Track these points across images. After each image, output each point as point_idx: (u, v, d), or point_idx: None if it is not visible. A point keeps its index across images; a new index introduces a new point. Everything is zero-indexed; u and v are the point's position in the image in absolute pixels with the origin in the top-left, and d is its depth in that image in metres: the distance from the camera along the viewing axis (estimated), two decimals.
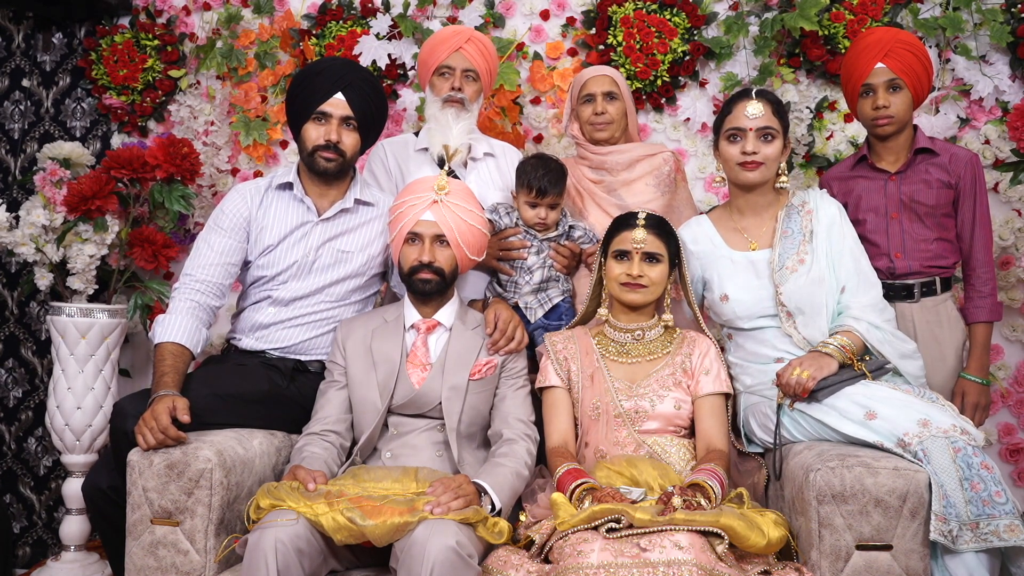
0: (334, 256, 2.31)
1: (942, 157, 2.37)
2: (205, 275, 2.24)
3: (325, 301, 2.32)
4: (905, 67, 2.33)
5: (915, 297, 2.36)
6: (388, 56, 3.10)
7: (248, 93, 3.20)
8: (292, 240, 2.30)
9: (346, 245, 2.33)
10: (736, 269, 2.21)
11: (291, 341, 2.30)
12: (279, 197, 2.33)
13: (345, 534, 1.67)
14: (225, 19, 3.18)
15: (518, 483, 1.92)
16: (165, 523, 1.81)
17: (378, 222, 2.36)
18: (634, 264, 2.05)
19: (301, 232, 2.30)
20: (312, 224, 2.30)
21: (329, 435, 2.04)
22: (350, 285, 2.34)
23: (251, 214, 2.31)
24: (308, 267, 2.30)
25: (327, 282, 2.31)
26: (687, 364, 2.09)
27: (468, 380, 2.06)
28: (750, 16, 3.01)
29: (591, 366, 2.10)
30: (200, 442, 1.85)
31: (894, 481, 1.71)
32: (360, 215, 2.35)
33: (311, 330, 2.31)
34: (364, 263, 2.34)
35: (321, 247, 2.30)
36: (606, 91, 2.53)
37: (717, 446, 2.00)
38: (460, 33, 2.54)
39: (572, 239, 2.44)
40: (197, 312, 2.20)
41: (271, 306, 2.31)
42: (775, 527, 1.74)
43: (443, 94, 2.50)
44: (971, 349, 2.40)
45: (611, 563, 1.58)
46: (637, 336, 2.12)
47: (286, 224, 2.30)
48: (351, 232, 2.34)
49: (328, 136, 2.23)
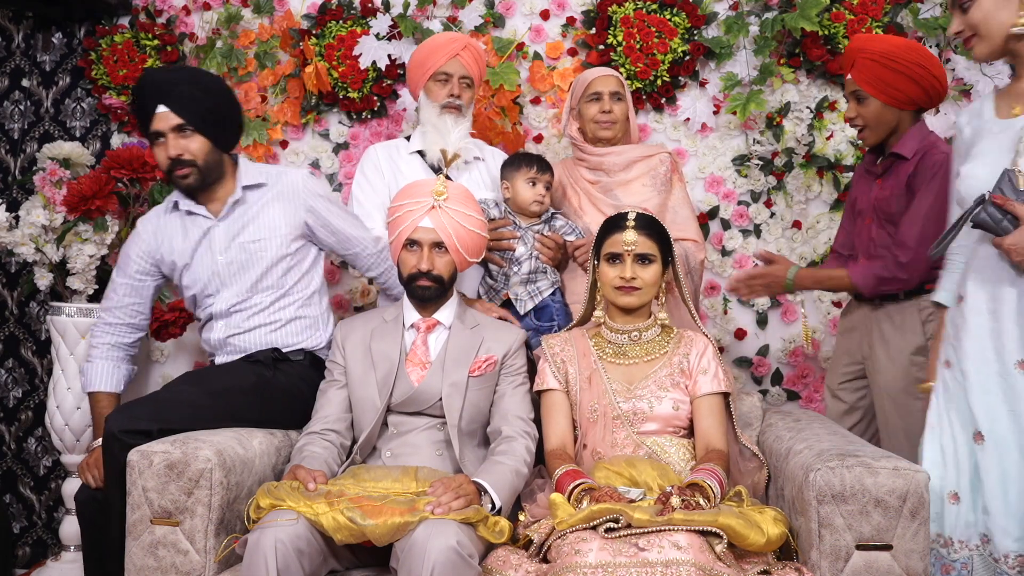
0: (244, 252, 2.29)
1: (912, 160, 2.30)
2: (112, 317, 2.35)
3: (265, 297, 2.30)
4: (868, 78, 2.29)
5: (876, 302, 2.37)
6: (388, 56, 3.10)
7: (248, 93, 3.20)
8: (200, 253, 2.29)
9: (252, 235, 2.29)
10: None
11: (256, 345, 2.30)
12: (173, 219, 2.32)
13: (345, 534, 1.67)
14: (225, 19, 3.18)
15: (517, 481, 1.92)
16: (165, 523, 1.81)
17: (276, 199, 2.32)
18: (626, 267, 2.04)
19: (206, 242, 2.29)
20: (211, 229, 2.29)
21: (329, 434, 2.04)
22: (279, 271, 2.32)
23: (152, 247, 2.32)
24: (225, 273, 2.29)
25: (253, 279, 2.29)
26: (685, 364, 2.09)
27: (468, 377, 2.06)
28: (750, 16, 3.01)
29: (588, 368, 2.09)
30: (200, 442, 1.85)
31: (894, 481, 1.71)
32: (255, 200, 2.32)
33: (269, 329, 2.31)
34: (280, 245, 2.31)
35: (228, 248, 2.28)
36: (613, 91, 2.54)
37: (716, 446, 2.00)
38: (457, 40, 2.55)
39: (554, 228, 2.46)
40: (113, 353, 2.34)
41: (217, 321, 2.32)
42: (774, 524, 1.74)
43: (441, 100, 2.50)
44: (817, 272, 2.46)
45: (609, 562, 1.58)
46: (634, 337, 2.11)
47: (190, 240, 2.30)
48: (252, 221, 2.30)
49: (168, 153, 2.20)
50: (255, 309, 2.30)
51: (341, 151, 3.22)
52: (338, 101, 3.18)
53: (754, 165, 3.05)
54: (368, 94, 3.16)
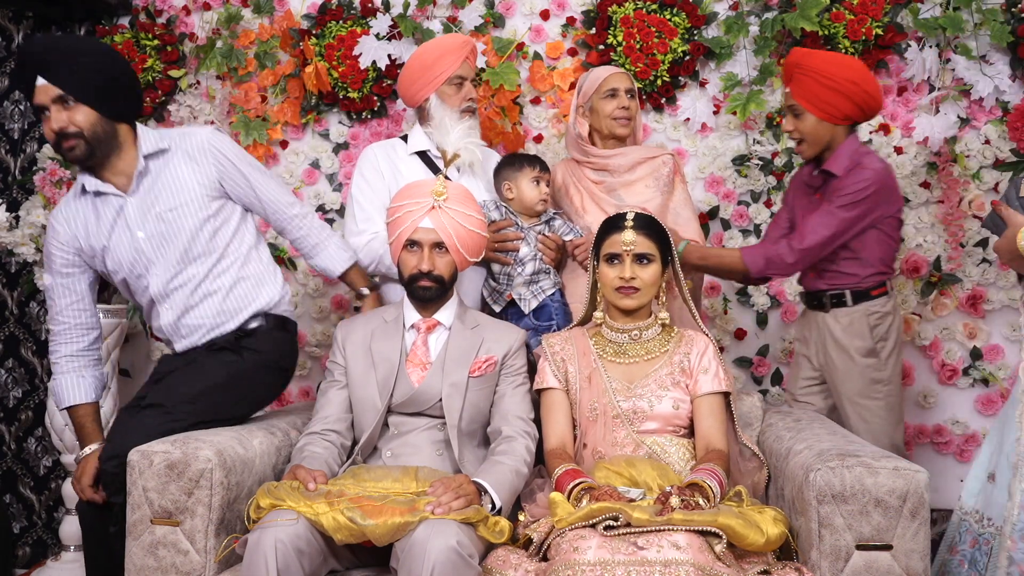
0: (163, 222, 2.18)
1: (841, 179, 2.35)
2: (58, 325, 2.26)
3: (199, 267, 2.21)
4: (804, 93, 2.35)
5: (826, 308, 2.44)
6: (388, 56, 3.10)
7: (248, 93, 3.20)
8: (118, 233, 2.18)
9: (167, 204, 2.18)
10: None
11: (209, 318, 2.21)
12: (83, 203, 2.21)
13: (345, 534, 1.67)
14: (225, 19, 3.18)
15: (517, 481, 1.92)
16: (165, 523, 1.81)
17: (183, 161, 2.21)
18: (625, 267, 2.04)
19: (121, 220, 2.18)
20: (123, 206, 2.18)
21: (329, 434, 2.04)
22: (205, 235, 2.21)
23: (68, 236, 2.21)
24: (148, 249, 2.18)
25: (180, 250, 2.19)
26: (685, 363, 2.08)
27: (468, 377, 2.06)
28: (750, 16, 3.01)
29: (588, 367, 2.09)
30: (200, 442, 1.85)
31: (894, 481, 1.71)
32: (160, 167, 2.20)
33: (218, 299, 2.22)
34: (198, 208, 2.20)
35: (145, 222, 2.17)
36: (628, 87, 2.54)
37: (717, 446, 2.00)
38: (467, 42, 2.53)
39: (553, 229, 2.47)
40: (72, 364, 2.26)
41: (160, 305, 2.22)
42: (774, 524, 1.74)
43: (460, 104, 2.47)
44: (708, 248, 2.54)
45: (608, 560, 1.58)
46: (634, 336, 2.11)
47: (104, 221, 2.18)
48: (164, 189, 2.19)
49: (52, 126, 2.08)
50: (194, 282, 2.20)
51: (341, 151, 3.22)
52: (338, 101, 3.18)
53: (754, 165, 3.05)
54: (368, 94, 3.16)
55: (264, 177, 2.32)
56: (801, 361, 2.58)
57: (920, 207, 2.96)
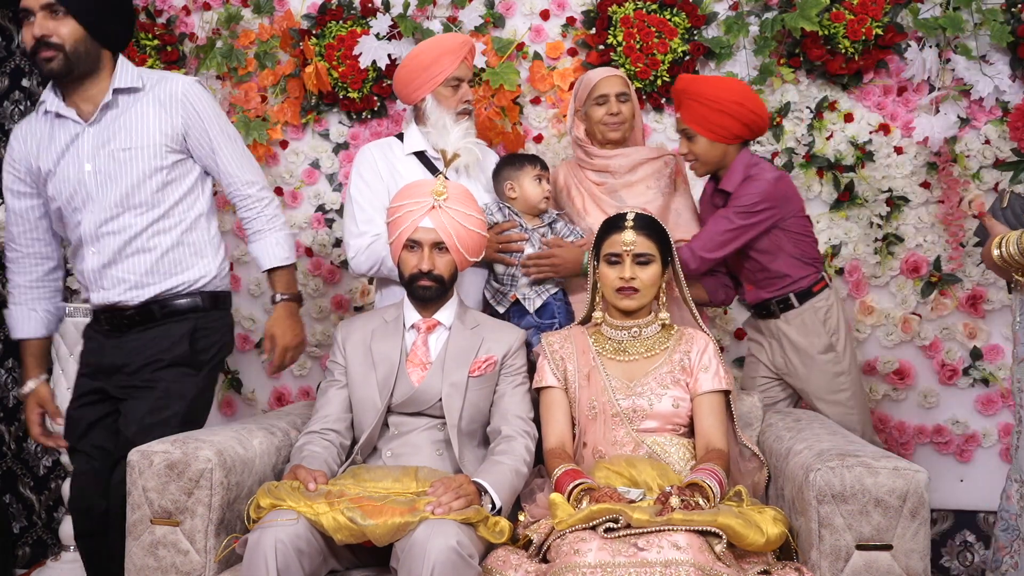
0: (113, 161, 2.08)
1: (735, 193, 2.43)
2: (12, 252, 2.19)
3: (137, 218, 2.11)
4: (693, 117, 2.45)
5: (776, 314, 2.50)
6: (388, 56, 3.10)
7: (248, 93, 3.20)
8: (67, 160, 2.08)
9: (123, 143, 2.09)
10: None
11: (136, 276, 2.13)
12: (42, 123, 2.11)
13: (345, 534, 1.67)
14: (225, 19, 3.18)
15: (517, 481, 1.92)
16: (165, 523, 1.81)
17: (152, 105, 2.13)
18: (625, 267, 2.04)
19: (73, 148, 2.09)
20: (79, 134, 2.09)
21: (329, 434, 2.04)
22: (152, 186, 2.11)
23: (21, 154, 2.11)
24: (92, 184, 2.09)
25: (122, 193, 2.09)
26: (686, 361, 2.08)
27: (468, 377, 2.06)
28: (750, 16, 3.02)
29: (587, 365, 2.09)
30: (200, 442, 1.85)
31: (894, 481, 1.71)
32: (128, 104, 2.12)
33: (150, 260, 2.14)
34: (153, 156, 2.11)
35: (95, 156, 2.08)
36: (618, 92, 2.53)
37: (717, 445, 2.00)
38: (465, 43, 2.50)
39: (555, 231, 2.47)
40: (27, 295, 2.22)
41: (87, 248, 2.12)
42: (774, 524, 1.74)
43: (456, 106, 2.45)
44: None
45: (608, 562, 1.58)
46: (634, 334, 2.11)
47: (56, 145, 2.09)
48: (124, 128, 2.10)
49: (34, 31, 2.00)
50: (129, 232, 2.12)
51: (341, 151, 3.22)
52: (338, 101, 3.18)
53: None
54: (368, 94, 3.16)
55: (231, 145, 2.24)
56: (755, 364, 2.61)
57: (920, 207, 2.96)
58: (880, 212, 2.97)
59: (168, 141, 2.14)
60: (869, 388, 2.97)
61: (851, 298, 3.00)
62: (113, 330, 2.19)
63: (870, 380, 2.99)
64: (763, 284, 2.50)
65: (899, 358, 2.97)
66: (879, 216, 2.97)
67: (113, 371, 2.18)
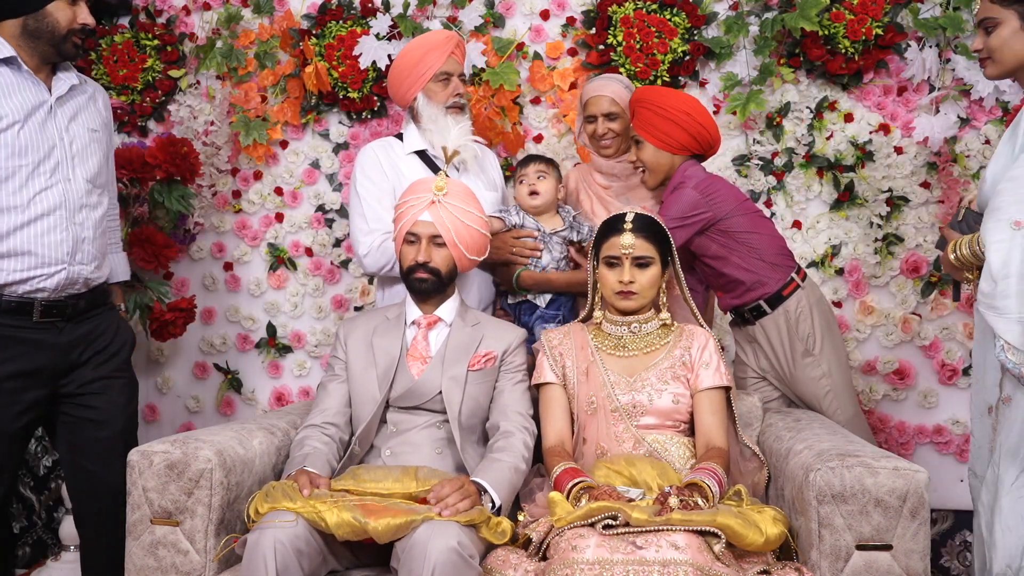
0: (86, 137, 2.13)
1: (662, 207, 2.44)
2: None
3: (102, 198, 2.18)
4: (641, 123, 2.47)
5: (751, 322, 2.50)
6: (388, 56, 3.10)
7: (248, 93, 3.20)
8: (35, 122, 2.03)
9: (91, 124, 2.16)
10: None
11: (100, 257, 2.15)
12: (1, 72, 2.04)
13: (347, 530, 1.67)
14: (225, 19, 3.18)
15: (516, 478, 1.93)
16: (165, 523, 1.81)
17: (95, 100, 2.23)
18: (624, 270, 2.04)
19: (42, 112, 2.05)
20: (47, 103, 2.06)
21: (329, 428, 2.06)
22: (109, 170, 2.25)
23: None
24: (67, 153, 2.08)
25: (92, 171, 2.14)
26: (686, 357, 2.08)
27: (467, 371, 2.07)
28: (750, 16, 3.01)
29: (586, 360, 2.10)
30: (200, 442, 1.86)
31: (894, 481, 1.71)
32: (87, 92, 2.20)
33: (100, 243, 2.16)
34: (107, 142, 2.22)
35: (68, 128, 2.09)
36: (605, 112, 2.57)
37: (717, 443, 2.00)
38: (451, 37, 2.51)
39: (581, 234, 2.49)
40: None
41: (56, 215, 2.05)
42: (773, 524, 1.74)
43: (446, 100, 2.45)
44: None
45: (606, 559, 1.58)
46: (634, 330, 2.11)
47: (22, 103, 2.02)
48: (86, 112, 2.16)
49: (85, 21, 2.08)
50: (99, 211, 2.19)
51: (341, 151, 3.22)
52: (338, 101, 3.18)
53: (754, 165, 3.04)
54: (368, 94, 3.16)
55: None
56: (741, 364, 2.60)
57: (920, 207, 2.96)
58: (880, 212, 2.97)
59: (106, 133, 2.26)
60: (869, 388, 2.98)
61: (851, 298, 3.00)
62: (67, 320, 2.10)
63: (870, 380, 2.99)
64: (727, 289, 2.48)
65: (899, 358, 2.97)
66: (879, 216, 2.97)
67: (72, 367, 2.13)
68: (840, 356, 2.51)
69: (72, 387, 2.14)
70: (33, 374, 2.05)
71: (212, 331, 3.27)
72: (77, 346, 2.13)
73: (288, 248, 3.23)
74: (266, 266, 3.25)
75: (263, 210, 3.25)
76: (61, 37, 2.06)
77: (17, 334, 2.02)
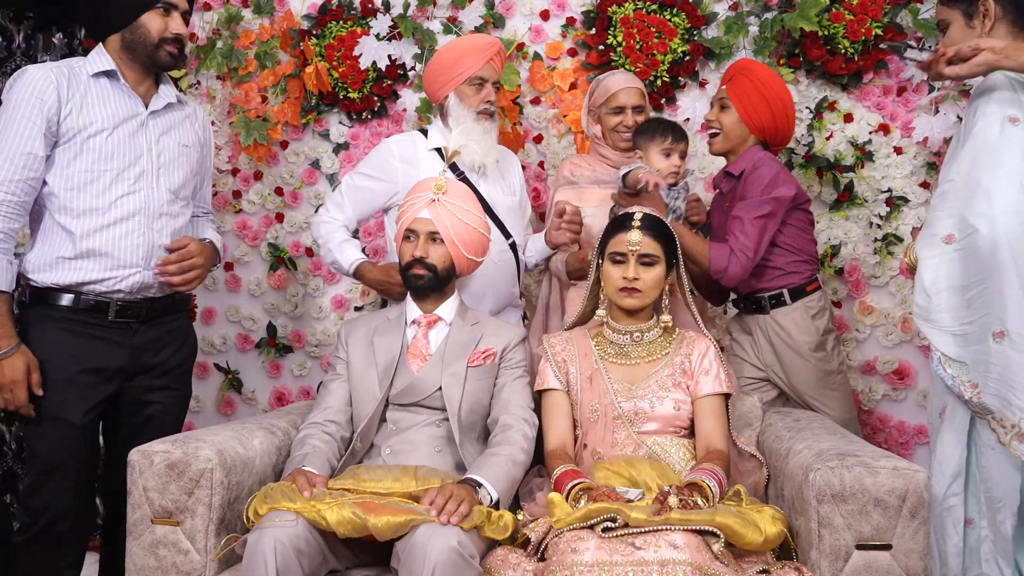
0: (175, 151, 2.22)
1: (745, 182, 2.45)
2: (14, 198, 2.01)
3: (184, 210, 2.25)
4: (736, 89, 2.49)
5: (765, 310, 2.50)
6: (388, 56, 3.11)
7: (248, 93, 3.20)
8: (126, 130, 2.12)
9: (183, 140, 2.25)
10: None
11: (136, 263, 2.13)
12: (96, 84, 2.12)
13: (348, 527, 1.67)
14: (225, 19, 3.18)
15: (515, 470, 1.93)
16: (165, 523, 1.82)
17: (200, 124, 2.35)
18: (630, 267, 2.05)
19: (135, 122, 2.14)
20: (140, 115, 2.16)
21: (330, 426, 2.07)
22: (192, 186, 2.30)
23: (61, 95, 2.04)
24: (155, 163, 2.17)
25: (177, 183, 2.21)
26: (687, 365, 2.09)
27: (467, 368, 2.08)
28: (750, 16, 3.02)
29: (590, 368, 2.10)
30: (200, 442, 1.86)
31: (894, 481, 1.72)
32: (185, 111, 2.30)
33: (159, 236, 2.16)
34: (198, 160, 2.31)
35: (159, 140, 2.19)
36: (635, 104, 2.58)
37: (717, 446, 2.00)
38: (493, 43, 2.51)
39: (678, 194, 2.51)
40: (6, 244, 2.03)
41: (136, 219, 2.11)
42: (772, 523, 1.74)
43: (477, 106, 2.47)
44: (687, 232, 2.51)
45: (606, 561, 1.58)
46: (636, 338, 2.12)
47: (115, 112, 2.11)
48: (180, 127, 2.26)
49: (178, 31, 2.15)
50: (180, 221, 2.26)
51: (341, 151, 3.23)
52: (338, 101, 3.18)
53: None
54: (368, 94, 3.16)
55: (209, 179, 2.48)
56: (737, 363, 2.60)
57: (920, 207, 2.96)
58: (880, 212, 2.97)
59: (199, 152, 2.33)
60: (868, 388, 2.98)
61: (851, 298, 3.00)
62: (141, 322, 2.17)
63: (870, 380, 2.99)
64: (756, 273, 2.47)
65: (899, 358, 2.97)
66: (879, 216, 2.97)
67: (141, 370, 2.19)
68: (845, 367, 2.57)
69: (136, 392, 2.20)
70: (104, 371, 2.12)
71: (212, 331, 3.27)
72: (148, 349, 2.19)
73: (288, 248, 3.23)
74: (266, 266, 3.26)
75: (263, 210, 3.26)
76: (153, 47, 2.13)
77: (93, 332, 2.11)
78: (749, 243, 2.37)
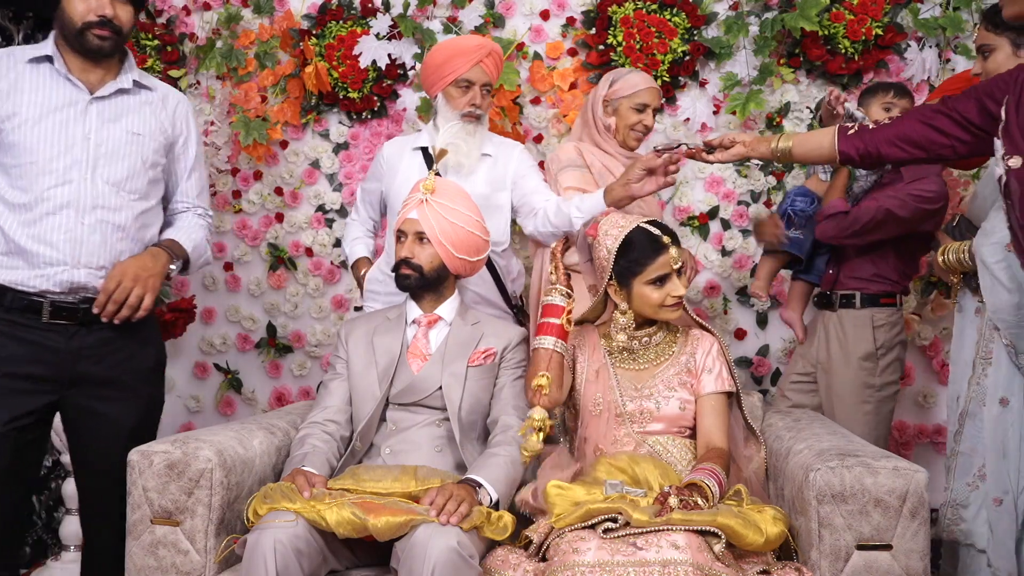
0: (120, 139, 2.03)
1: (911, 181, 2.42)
2: None
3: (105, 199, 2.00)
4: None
5: (834, 307, 2.53)
6: (388, 56, 3.11)
7: (248, 93, 3.20)
8: (58, 119, 1.97)
9: (133, 128, 2.05)
10: None
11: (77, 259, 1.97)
12: (33, 70, 1.99)
13: (348, 527, 1.67)
14: (225, 19, 3.18)
15: (515, 471, 1.93)
16: (165, 523, 1.81)
17: (167, 112, 2.14)
18: (676, 283, 1.99)
19: (72, 111, 1.99)
20: (80, 102, 2.00)
21: (330, 425, 2.06)
22: (146, 177, 2.08)
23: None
24: (92, 154, 1.99)
25: (118, 175, 2.02)
26: (691, 363, 2.08)
27: (467, 367, 2.08)
28: (750, 16, 3.02)
29: (598, 362, 2.09)
30: (200, 442, 1.85)
31: (894, 481, 1.71)
32: (141, 96, 2.10)
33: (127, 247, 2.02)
34: (151, 150, 2.08)
35: (100, 129, 2.01)
36: (657, 106, 2.60)
37: (717, 444, 2.00)
38: (482, 47, 2.48)
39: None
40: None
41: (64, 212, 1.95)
42: (773, 523, 1.74)
43: (462, 108, 2.44)
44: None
45: (607, 562, 1.58)
46: (644, 343, 2.10)
47: (46, 100, 1.97)
48: (130, 114, 2.06)
49: (105, 13, 1.97)
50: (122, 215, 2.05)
51: (341, 151, 3.23)
52: (338, 101, 3.18)
53: (754, 165, 3.05)
54: (368, 94, 3.16)
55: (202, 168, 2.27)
56: (798, 359, 2.65)
57: None
58: None
59: (164, 141, 2.14)
60: None
61: None
62: (80, 324, 2.00)
63: None
64: (840, 273, 2.51)
65: None
66: None
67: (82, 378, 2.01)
68: (892, 390, 2.54)
69: (81, 399, 2.03)
70: (32, 378, 1.97)
71: (212, 331, 3.27)
72: (88, 356, 2.01)
73: (288, 248, 3.23)
74: (266, 266, 3.26)
75: (263, 210, 3.26)
76: (77, 31, 1.98)
77: (27, 335, 1.97)
78: (861, 221, 2.40)
